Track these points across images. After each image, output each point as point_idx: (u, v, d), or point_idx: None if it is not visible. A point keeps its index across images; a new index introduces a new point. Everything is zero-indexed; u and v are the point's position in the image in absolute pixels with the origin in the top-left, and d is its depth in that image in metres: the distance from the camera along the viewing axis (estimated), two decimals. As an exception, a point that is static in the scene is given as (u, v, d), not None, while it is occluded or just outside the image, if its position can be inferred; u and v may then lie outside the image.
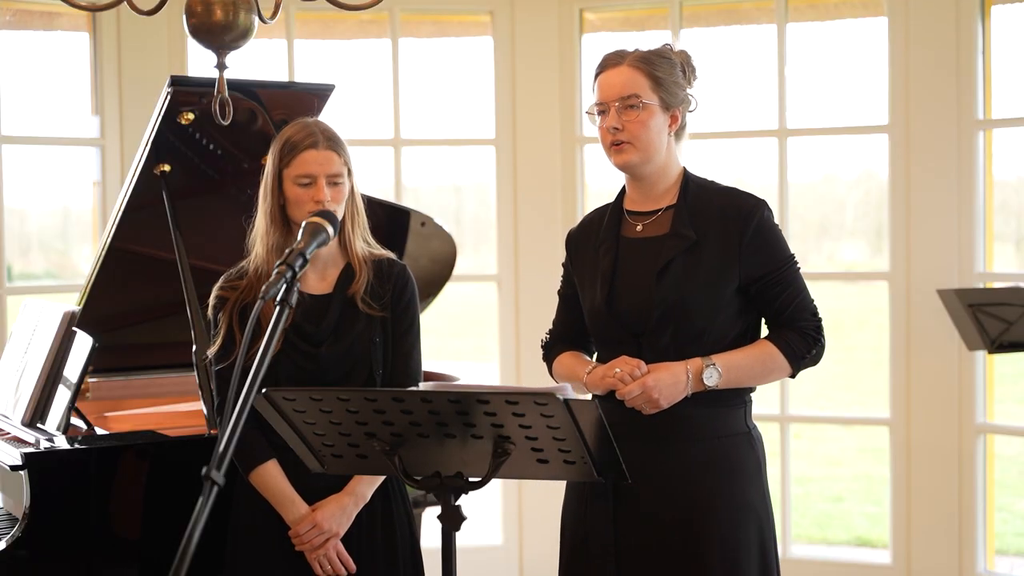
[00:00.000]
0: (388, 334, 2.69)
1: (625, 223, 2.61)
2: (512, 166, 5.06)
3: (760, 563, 2.50)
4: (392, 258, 2.75)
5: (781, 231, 2.58)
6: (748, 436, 2.55)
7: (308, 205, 2.59)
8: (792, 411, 4.98)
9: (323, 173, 2.61)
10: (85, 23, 4.79)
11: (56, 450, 2.90)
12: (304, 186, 2.61)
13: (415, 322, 2.74)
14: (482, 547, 5.13)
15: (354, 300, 2.66)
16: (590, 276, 2.59)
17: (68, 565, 2.85)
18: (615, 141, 2.51)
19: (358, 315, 2.66)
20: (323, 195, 2.59)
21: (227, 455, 1.71)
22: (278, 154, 2.65)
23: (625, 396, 2.43)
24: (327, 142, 2.64)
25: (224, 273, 2.74)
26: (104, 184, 4.75)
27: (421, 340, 2.77)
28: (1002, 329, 3.66)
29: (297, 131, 2.65)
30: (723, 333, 2.51)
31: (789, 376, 2.58)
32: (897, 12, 4.66)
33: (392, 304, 2.69)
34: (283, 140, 2.66)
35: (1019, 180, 10.52)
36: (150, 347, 3.65)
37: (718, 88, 5.68)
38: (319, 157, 2.62)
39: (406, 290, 2.72)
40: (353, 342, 2.65)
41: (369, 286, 2.67)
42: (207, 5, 2.52)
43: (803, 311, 2.54)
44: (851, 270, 14.64)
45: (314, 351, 2.63)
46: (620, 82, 2.50)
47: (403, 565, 2.71)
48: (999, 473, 6.54)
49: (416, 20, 5.16)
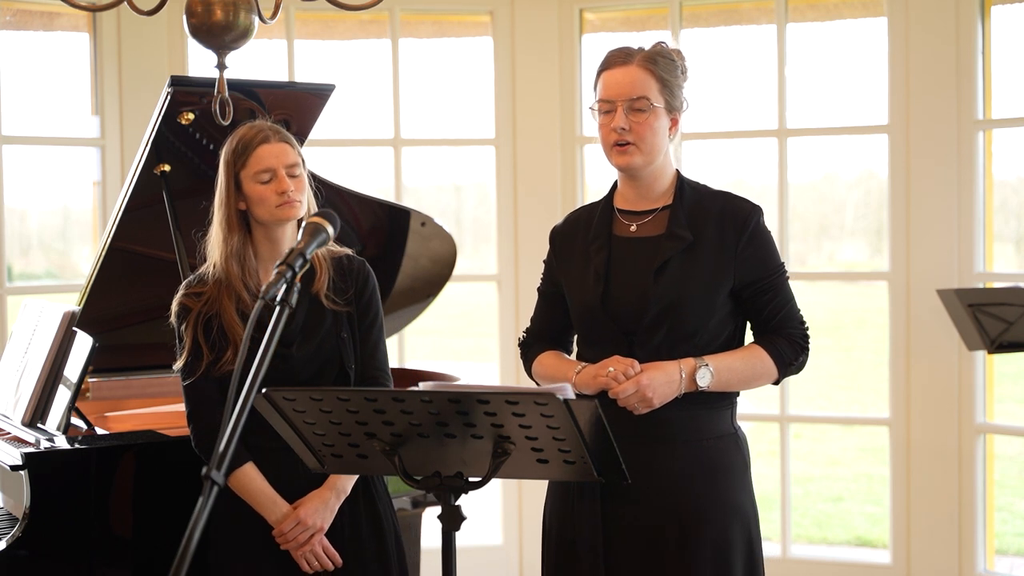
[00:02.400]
0: (355, 329, 2.70)
1: (617, 222, 2.61)
2: (512, 166, 5.06)
3: (747, 563, 2.52)
4: (350, 254, 2.76)
5: (773, 239, 2.59)
6: (735, 437, 2.57)
7: (272, 199, 2.60)
8: (792, 411, 4.98)
9: (281, 165, 2.61)
10: (85, 23, 4.79)
11: (56, 450, 2.90)
12: (265, 182, 2.60)
13: (378, 315, 2.76)
14: (482, 547, 5.13)
15: (318, 298, 2.66)
16: (579, 273, 2.59)
17: (68, 565, 2.85)
18: (620, 142, 2.51)
19: (324, 312, 2.66)
20: (286, 185, 2.60)
21: (227, 455, 1.71)
22: (231, 158, 2.64)
23: (619, 395, 2.43)
24: (278, 135, 2.65)
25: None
26: (104, 184, 4.75)
27: (384, 333, 2.79)
28: (1002, 329, 3.66)
29: (246, 131, 2.65)
30: (714, 335, 2.52)
31: (773, 382, 2.59)
32: (897, 12, 4.66)
33: (356, 299, 2.70)
34: (233, 143, 2.65)
35: (1019, 180, 10.52)
36: (150, 347, 3.64)
37: (718, 88, 5.69)
38: (274, 150, 2.62)
39: (367, 285, 2.73)
40: (323, 340, 2.66)
41: (331, 283, 2.67)
42: (207, 5, 2.52)
43: (791, 319, 2.56)
44: (851, 270, 14.64)
45: (285, 351, 2.63)
46: (629, 82, 2.49)
47: (391, 558, 2.72)
48: (999, 473, 6.55)
49: (416, 20, 5.16)
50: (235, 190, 2.63)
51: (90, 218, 5.03)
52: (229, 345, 2.62)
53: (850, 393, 11.46)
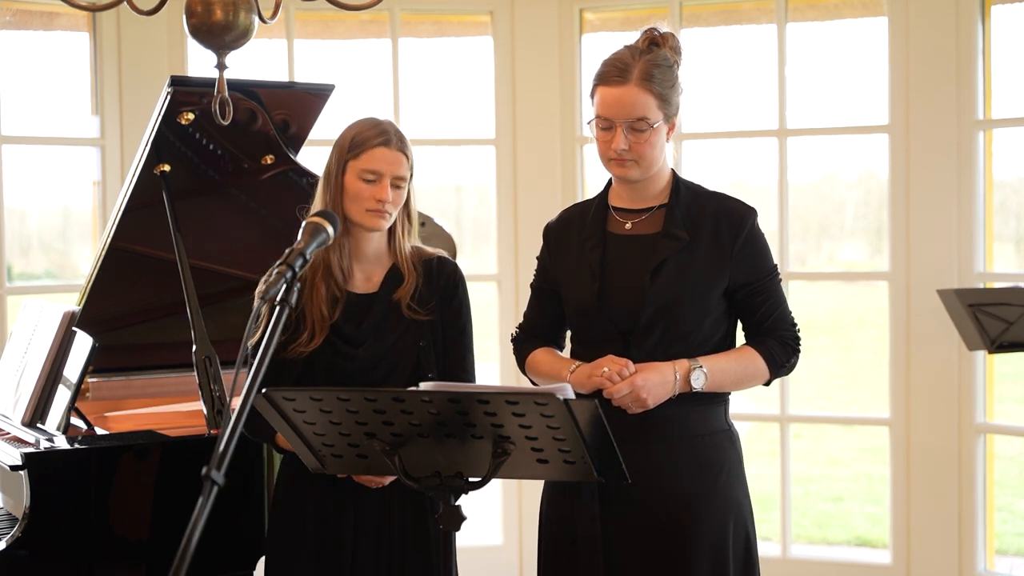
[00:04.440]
0: (438, 337, 2.64)
1: (612, 219, 2.60)
2: (512, 166, 5.06)
3: (744, 557, 2.53)
4: (442, 256, 2.70)
5: (767, 241, 2.59)
6: (728, 433, 2.58)
7: (367, 202, 2.55)
8: (792, 411, 4.98)
9: (390, 173, 2.57)
10: (85, 23, 4.79)
11: (56, 450, 2.90)
12: (368, 182, 2.56)
13: (467, 325, 2.70)
14: (482, 547, 5.13)
15: (399, 304, 2.61)
16: (574, 271, 2.58)
17: (68, 565, 2.85)
18: (619, 158, 2.50)
19: (401, 318, 2.61)
20: (386, 195, 2.55)
21: (227, 455, 1.70)
22: (346, 145, 2.59)
23: (613, 395, 2.43)
24: (399, 143, 2.60)
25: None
26: (104, 184, 4.75)
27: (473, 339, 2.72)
28: (1002, 329, 3.66)
29: (369, 127, 2.60)
30: (708, 335, 2.53)
31: (764, 384, 2.60)
32: (897, 12, 4.66)
33: (441, 307, 2.65)
34: (353, 132, 2.61)
35: (1019, 180, 10.52)
36: (150, 347, 3.64)
37: (718, 88, 5.69)
38: (389, 156, 2.58)
39: (456, 292, 2.68)
40: (394, 343, 2.60)
41: (417, 291, 2.62)
42: (207, 5, 2.52)
43: (783, 321, 2.57)
44: (851, 270, 14.65)
45: (353, 351, 2.59)
46: (629, 104, 2.46)
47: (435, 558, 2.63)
48: (999, 473, 6.55)
49: (416, 20, 5.16)
50: (340, 178, 2.58)
51: (90, 218, 5.03)
52: (306, 329, 2.57)
53: (850, 393, 11.46)
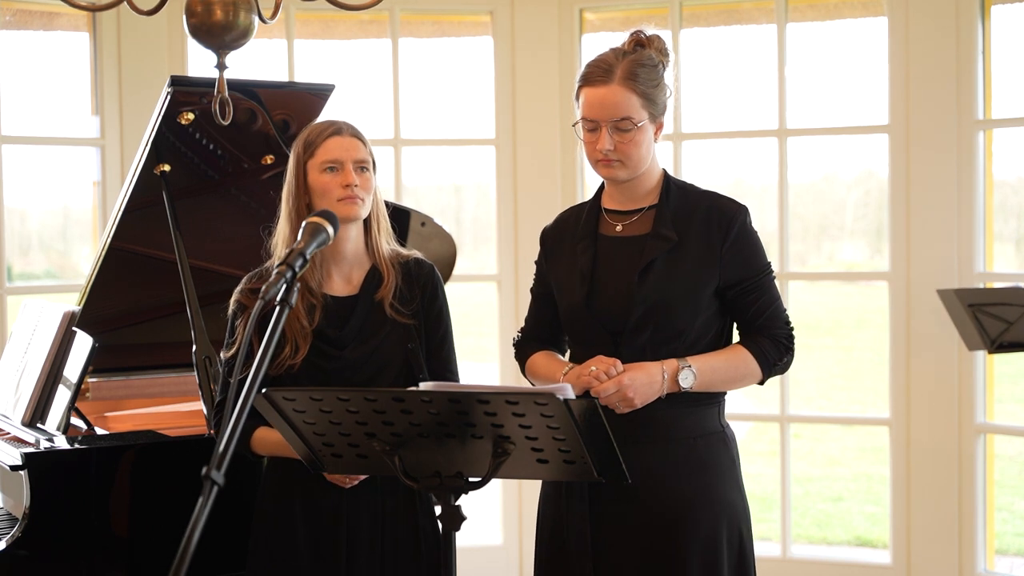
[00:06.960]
0: (423, 339, 2.65)
1: (603, 221, 2.60)
2: (512, 166, 5.06)
3: (737, 559, 2.52)
4: (419, 258, 2.70)
5: (759, 239, 2.59)
6: (723, 435, 2.57)
7: (336, 191, 2.54)
8: (792, 411, 4.98)
9: (350, 158, 2.56)
10: (85, 23, 4.79)
11: (56, 450, 2.90)
12: (331, 171, 2.55)
13: (449, 327, 2.72)
14: (482, 547, 5.13)
15: (381, 304, 2.61)
16: (567, 273, 2.59)
17: (68, 565, 2.85)
18: (605, 159, 2.50)
19: (384, 319, 2.62)
20: (352, 178, 2.54)
21: (227, 455, 1.70)
22: (301, 147, 2.59)
23: (600, 394, 2.43)
24: (351, 130, 2.60)
25: (241, 273, 2.67)
26: (104, 184, 4.75)
27: (454, 339, 2.74)
28: (1002, 329, 3.66)
29: (317, 125, 2.61)
30: (700, 334, 2.52)
31: (758, 383, 2.59)
32: (897, 12, 4.66)
33: (424, 310, 2.66)
34: (305, 134, 2.61)
35: (1019, 180, 10.53)
36: (150, 347, 3.64)
37: (718, 88, 5.69)
38: (344, 142, 2.57)
39: (437, 294, 2.68)
40: (380, 344, 2.61)
41: (397, 290, 2.63)
42: (207, 5, 2.52)
43: (777, 319, 2.56)
44: (851, 270, 14.65)
45: (338, 353, 2.58)
46: (612, 103, 2.45)
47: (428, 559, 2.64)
48: (999, 473, 6.55)
49: (416, 20, 5.16)
50: (303, 182, 2.58)
51: (90, 218, 5.03)
52: (287, 343, 2.55)
53: (850, 393, 11.45)
